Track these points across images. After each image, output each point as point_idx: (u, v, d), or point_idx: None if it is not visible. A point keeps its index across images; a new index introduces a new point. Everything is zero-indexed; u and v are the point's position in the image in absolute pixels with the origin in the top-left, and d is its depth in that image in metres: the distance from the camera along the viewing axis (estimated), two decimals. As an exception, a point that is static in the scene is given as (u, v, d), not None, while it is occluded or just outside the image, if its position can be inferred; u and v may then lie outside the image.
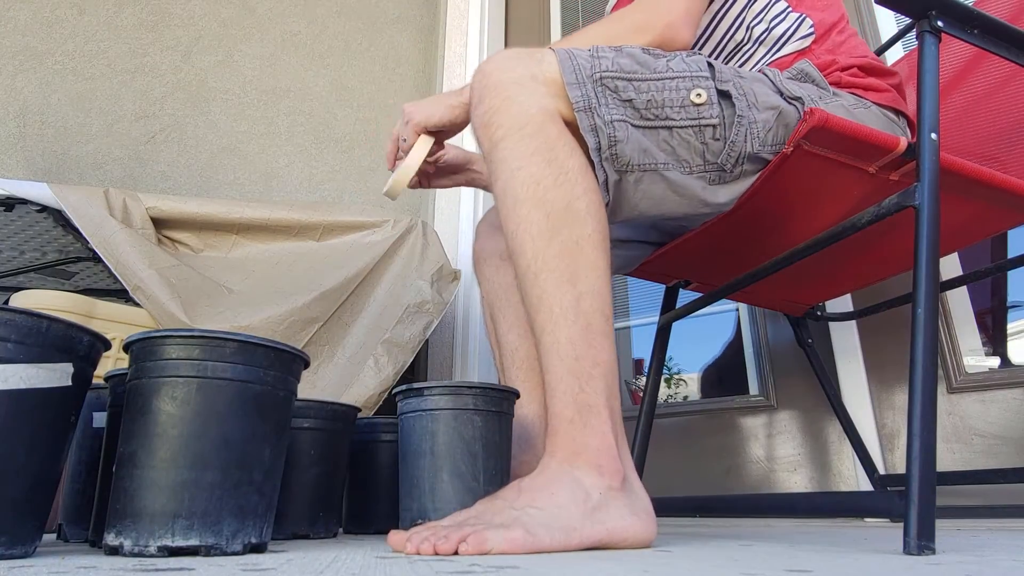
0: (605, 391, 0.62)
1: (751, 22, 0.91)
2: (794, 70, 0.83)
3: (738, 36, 0.92)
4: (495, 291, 0.95)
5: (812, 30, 0.88)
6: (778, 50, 0.89)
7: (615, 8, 1.05)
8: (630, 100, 0.70)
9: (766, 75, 0.78)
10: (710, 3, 0.92)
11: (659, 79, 0.71)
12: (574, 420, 0.61)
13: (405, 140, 0.86)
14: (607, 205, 0.72)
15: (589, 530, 0.56)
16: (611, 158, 0.70)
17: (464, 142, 1.80)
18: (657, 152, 0.72)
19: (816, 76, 0.82)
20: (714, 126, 0.72)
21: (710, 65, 0.74)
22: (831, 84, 0.84)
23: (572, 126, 0.69)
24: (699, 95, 0.71)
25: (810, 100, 0.76)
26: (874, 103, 0.85)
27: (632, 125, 0.70)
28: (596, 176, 0.69)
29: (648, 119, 0.71)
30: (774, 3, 0.91)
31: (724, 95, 0.72)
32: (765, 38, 0.90)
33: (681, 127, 0.71)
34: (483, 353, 1.63)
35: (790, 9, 0.90)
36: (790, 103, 0.75)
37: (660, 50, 0.76)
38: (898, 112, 0.88)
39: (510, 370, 0.90)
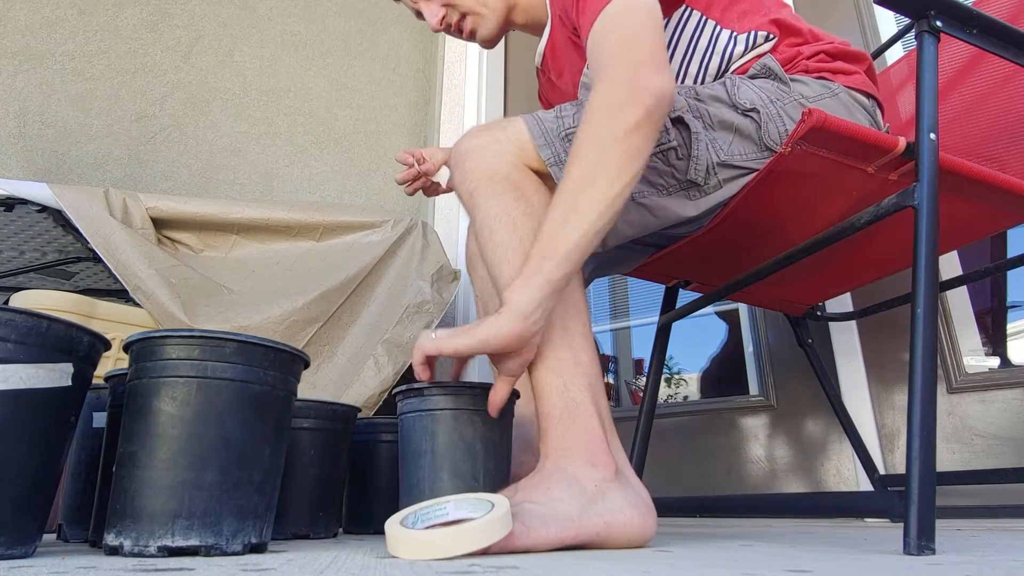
0: (589, 388, 0.64)
1: (703, 61, 0.87)
2: (757, 67, 0.84)
3: (692, 71, 0.89)
4: (489, 291, 0.95)
5: (766, 38, 0.86)
6: (741, 61, 0.88)
7: (545, 64, 1.02)
8: None
9: (724, 85, 0.80)
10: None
11: None
12: (562, 418, 0.63)
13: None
14: None
15: (586, 522, 0.57)
16: None
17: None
18: None
19: (777, 70, 0.83)
20: (675, 148, 0.76)
21: None
22: (800, 72, 0.85)
23: (539, 175, 0.74)
24: None
25: (765, 105, 0.77)
26: (844, 86, 0.85)
27: None
28: None
29: None
30: (718, 34, 0.86)
31: (678, 121, 0.76)
32: (726, 67, 0.88)
33: None
34: (483, 353, 1.63)
35: (734, 32, 0.86)
36: (746, 115, 0.78)
37: None
38: (868, 96, 0.88)
39: None
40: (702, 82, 0.88)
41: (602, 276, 1.11)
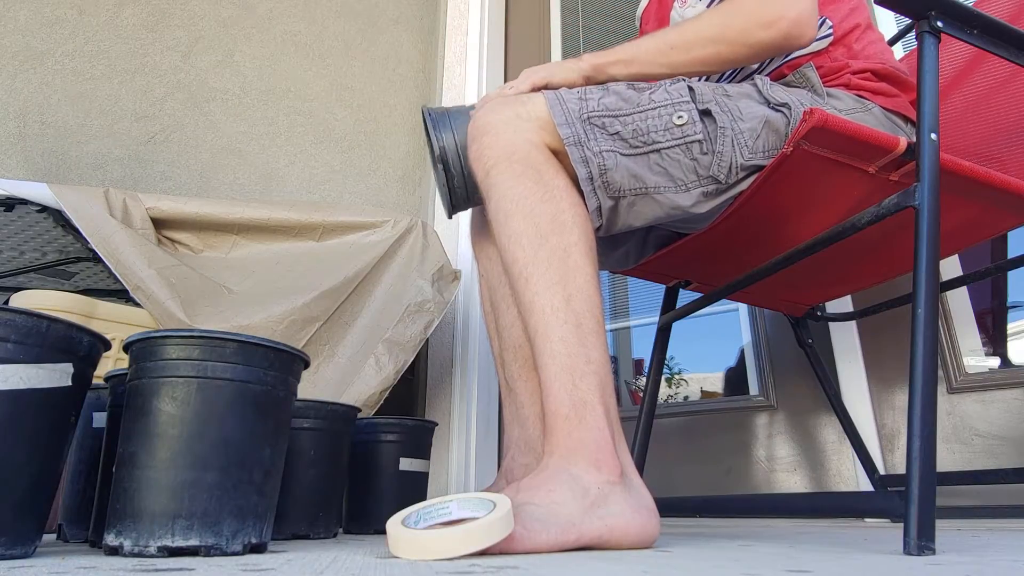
0: (599, 387, 0.63)
1: None
2: (796, 74, 0.83)
3: None
4: (496, 273, 0.91)
5: (831, 31, 0.87)
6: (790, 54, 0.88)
7: (647, 14, 1.05)
8: (617, 132, 0.74)
9: (755, 85, 0.79)
10: None
11: (643, 111, 0.75)
12: (569, 416, 0.62)
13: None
14: (599, 228, 0.76)
15: (588, 526, 0.56)
16: (603, 186, 0.74)
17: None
18: (649, 176, 0.75)
19: (815, 81, 0.82)
20: (700, 141, 0.75)
21: (691, 88, 0.77)
22: (840, 86, 0.84)
23: (558, 155, 0.73)
24: (680, 117, 0.75)
25: (799, 104, 0.76)
26: (880, 106, 0.84)
27: (621, 154, 0.74)
28: (587, 204, 0.73)
29: (636, 147, 0.74)
30: None
31: (705, 113, 0.75)
32: None
33: (668, 147, 0.75)
34: (483, 353, 1.63)
35: None
36: (776, 110, 0.76)
37: (645, 83, 0.79)
38: (907, 119, 0.87)
39: (512, 367, 0.89)
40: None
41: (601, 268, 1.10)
